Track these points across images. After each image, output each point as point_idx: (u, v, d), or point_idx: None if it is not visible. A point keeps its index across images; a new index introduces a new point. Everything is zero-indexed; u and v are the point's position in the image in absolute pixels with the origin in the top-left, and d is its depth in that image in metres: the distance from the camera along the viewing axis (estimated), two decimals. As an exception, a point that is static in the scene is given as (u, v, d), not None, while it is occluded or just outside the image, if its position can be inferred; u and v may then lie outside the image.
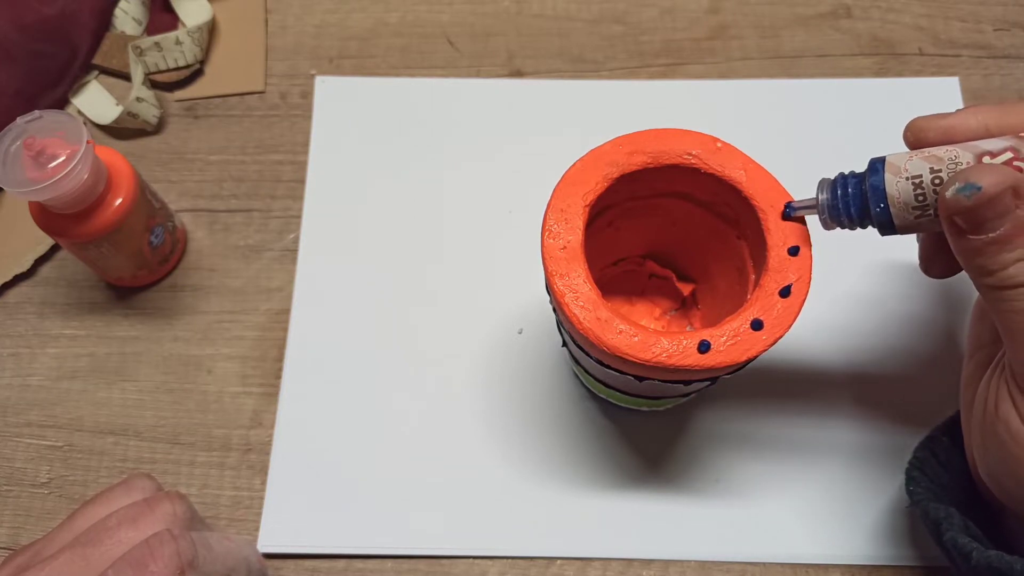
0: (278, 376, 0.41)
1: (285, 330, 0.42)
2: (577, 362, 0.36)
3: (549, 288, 0.31)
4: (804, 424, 0.39)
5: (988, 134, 0.27)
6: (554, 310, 0.32)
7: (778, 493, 0.38)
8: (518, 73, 0.48)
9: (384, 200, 0.45)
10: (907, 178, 0.27)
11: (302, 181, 0.45)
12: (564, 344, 0.36)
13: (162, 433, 0.40)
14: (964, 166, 0.26)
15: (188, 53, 0.47)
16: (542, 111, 0.47)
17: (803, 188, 0.32)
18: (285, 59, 0.49)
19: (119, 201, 0.38)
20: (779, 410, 0.40)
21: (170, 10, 0.49)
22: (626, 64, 0.48)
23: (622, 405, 0.38)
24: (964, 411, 0.32)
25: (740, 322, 0.29)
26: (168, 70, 0.48)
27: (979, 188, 0.25)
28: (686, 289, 0.39)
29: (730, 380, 0.33)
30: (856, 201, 0.29)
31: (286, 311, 0.42)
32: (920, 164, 0.27)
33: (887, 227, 0.29)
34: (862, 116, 0.46)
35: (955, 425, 0.33)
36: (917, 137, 0.29)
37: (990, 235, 0.25)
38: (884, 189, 0.28)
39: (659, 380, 0.31)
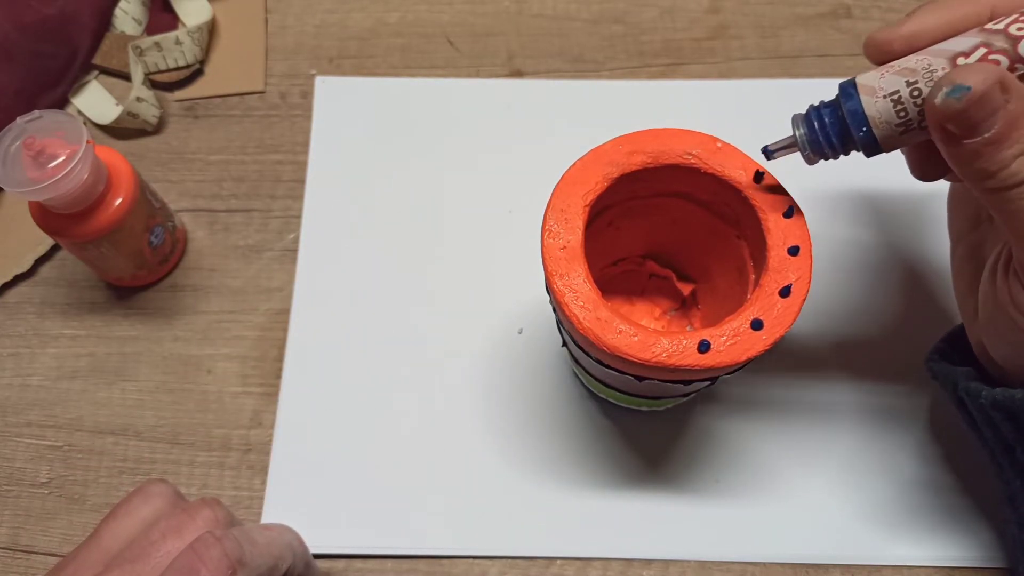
0: (278, 376, 0.41)
1: (285, 330, 0.42)
2: (577, 362, 0.36)
3: (549, 288, 0.31)
4: (804, 424, 0.39)
5: (952, 30, 0.27)
6: (554, 310, 0.32)
7: (778, 493, 0.38)
8: (518, 73, 0.48)
9: (384, 200, 0.45)
10: (884, 96, 0.27)
11: (302, 181, 0.45)
12: (564, 344, 0.36)
13: (162, 433, 0.40)
14: (941, 72, 0.26)
15: (188, 53, 0.47)
16: (542, 111, 0.47)
17: (803, 188, 0.32)
18: (285, 59, 0.49)
19: (119, 201, 0.38)
20: (779, 410, 0.40)
21: (170, 10, 0.49)
22: (626, 64, 0.48)
23: (622, 405, 0.38)
24: (960, 301, 0.32)
25: (740, 322, 0.29)
26: (168, 70, 0.48)
27: (968, 88, 0.24)
28: (686, 289, 0.39)
29: (730, 380, 0.33)
30: (836, 129, 0.28)
31: (286, 311, 0.42)
32: (895, 79, 0.27)
33: (873, 149, 0.28)
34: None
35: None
36: (882, 51, 0.28)
37: (985, 135, 0.25)
38: (863, 112, 0.27)
39: (659, 380, 0.31)
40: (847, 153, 0.29)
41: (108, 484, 0.39)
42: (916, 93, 0.26)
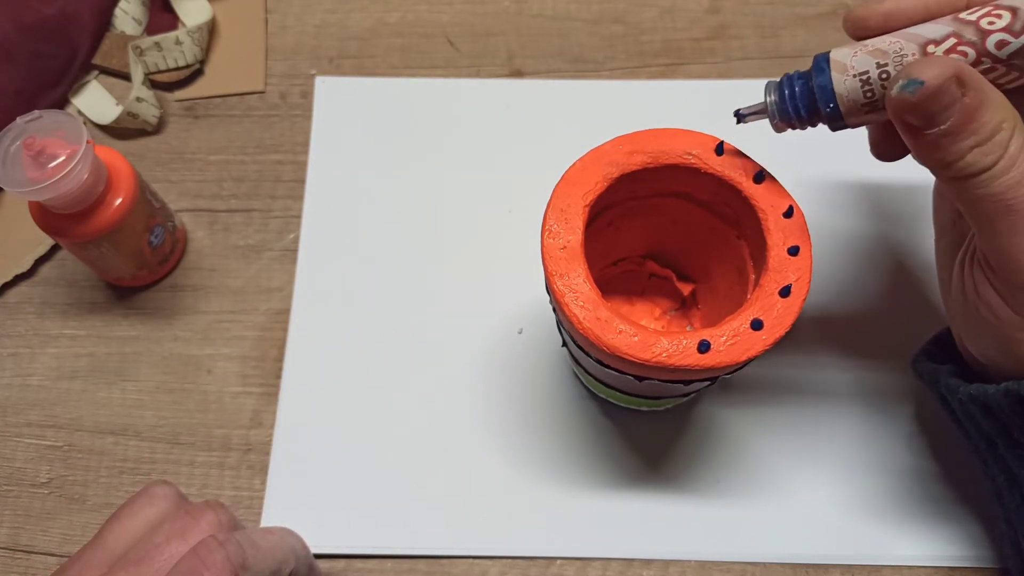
0: (278, 376, 0.41)
1: (285, 330, 0.42)
2: (577, 362, 0.36)
3: (549, 288, 0.31)
4: (804, 424, 0.39)
5: (928, 13, 0.27)
6: (554, 310, 0.32)
7: (778, 493, 0.38)
8: (518, 73, 0.48)
9: (384, 200, 0.45)
10: (854, 75, 0.27)
11: (302, 181, 0.45)
12: (564, 344, 0.36)
13: (162, 433, 0.40)
14: (911, 58, 0.26)
15: (188, 53, 0.47)
16: (542, 111, 0.47)
17: (803, 187, 0.32)
18: (285, 59, 0.49)
19: (119, 201, 0.38)
20: (779, 410, 0.40)
21: (170, 10, 0.49)
22: (626, 64, 0.48)
23: (622, 405, 0.38)
24: (942, 292, 0.32)
25: (740, 322, 0.29)
26: (168, 70, 0.48)
27: (922, 83, 0.25)
28: (686, 289, 0.39)
29: (730, 380, 0.33)
30: (804, 101, 0.29)
31: (286, 311, 0.42)
32: (866, 59, 0.27)
33: (838, 124, 0.29)
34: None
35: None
36: (858, 27, 0.28)
37: (941, 127, 0.25)
38: (832, 88, 0.28)
39: (659, 380, 0.31)
40: (814, 125, 0.29)
41: (108, 484, 0.39)
42: (885, 76, 0.27)
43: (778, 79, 0.30)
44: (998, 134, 0.25)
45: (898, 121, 0.26)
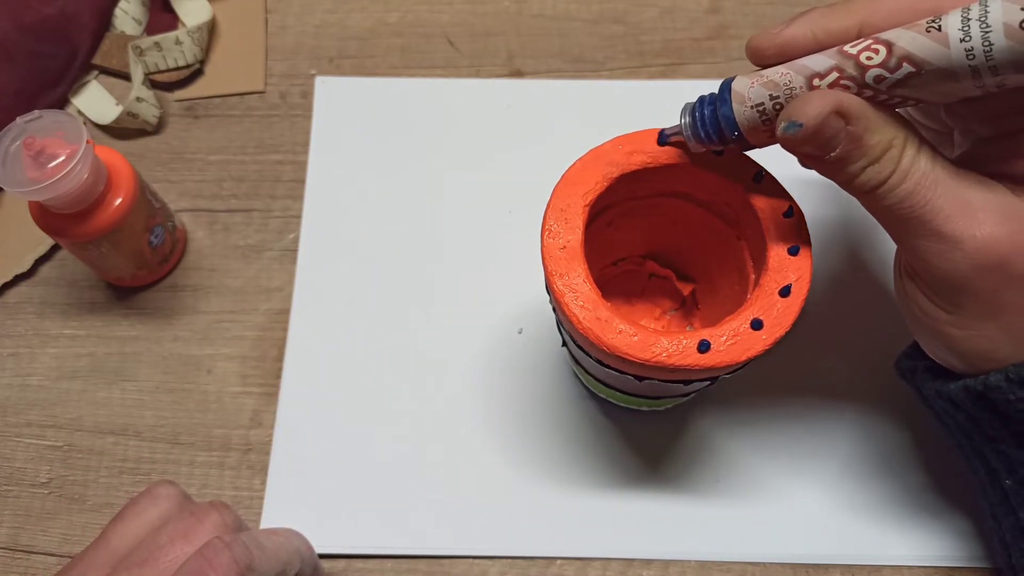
0: (278, 376, 0.41)
1: (285, 330, 0.42)
2: (577, 362, 0.36)
3: (549, 288, 0.31)
4: (804, 424, 0.39)
5: (819, 45, 0.28)
6: (554, 310, 0.32)
7: (778, 493, 0.38)
8: (518, 73, 0.48)
9: (384, 200, 0.45)
10: (751, 106, 0.28)
11: (302, 181, 0.45)
12: (564, 344, 0.36)
13: (162, 433, 0.40)
14: (799, 91, 0.27)
15: (188, 53, 0.47)
16: (542, 111, 0.47)
17: (802, 187, 0.32)
18: (285, 59, 0.49)
19: (119, 201, 0.38)
20: (779, 410, 0.40)
21: (170, 10, 0.49)
22: (626, 64, 0.48)
23: (622, 405, 0.38)
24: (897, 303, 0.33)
25: (740, 322, 0.29)
26: (168, 70, 0.48)
27: (800, 125, 0.26)
28: (686, 289, 0.39)
29: (730, 380, 0.33)
30: (713, 126, 0.29)
31: (286, 311, 0.42)
32: (761, 92, 0.28)
33: (747, 146, 0.30)
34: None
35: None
36: (756, 56, 0.29)
37: (832, 155, 0.27)
38: (734, 118, 0.29)
39: (659, 380, 0.31)
40: (728, 146, 0.30)
41: (108, 484, 0.39)
42: (778, 107, 0.28)
43: (695, 100, 0.30)
44: (888, 151, 0.27)
45: (792, 153, 0.28)
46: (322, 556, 0.37)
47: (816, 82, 0.27)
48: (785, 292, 0.30)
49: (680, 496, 0.38)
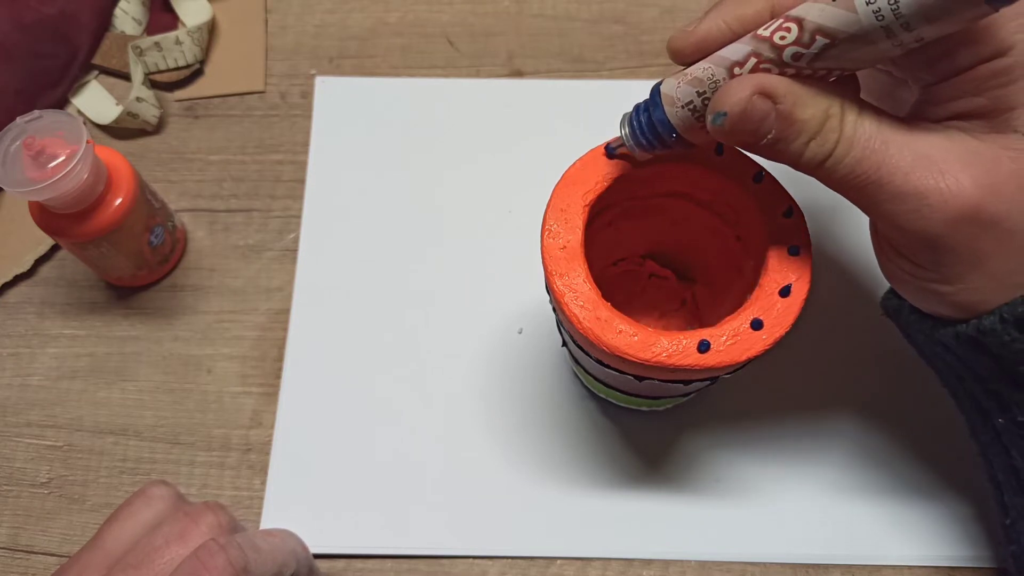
0: (278, 376, 0.41)
1: (285, 330, 0.42)
2: (577, 362, 0.36)
3: (549, 288, 0.31)
4: (804, 424, 0.39)
5: (735, 35, 0.28)
6: (554, 310, 0.32)
7: (778, 493, 0.38)
8: (518, 73, 0.48)
9: (384, 200, 0.45)
10: (682, 107, 0.28)
11: (302, 181, 0.45)
12: (564, 344, 0.36)
13: (162, 433, 0.40)
14: (723, 81, 0.27)
15: (188, 53, 0.47)
16: (542, 111, 0.47)
17: (802, 187, 0.32)
18: (285, 59, 0.49)
19: (119, 201, 0.38)
20: (779, 410, 0.40)
21: (170, 10, 0.49)
22: (626, 64, 0.48)
23: (622, 405, 0.38)
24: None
25: (740, 322, 0.29)
26: (168, 70, 0.48)
27: (725, 114, 0.26)
28: (686, 289, 0.39)
29: (730, 380, 0.33)
30: (651, 132, 0.29)
31: (286, 311, 0.42)
32: (687, 90, 0.28)
33: (690, 147, 0.30)
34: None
35: None
36: (677, 57, 0.29)
37: (768, 137, 0.26)
38: (668, 121, 0.28)
39: (659, 380, 0.31)
40: (673, 148, 0.30)
41: (108, 484, 0.39)
42: (707, 102, 0.27)
43: (630, 111, 0.30)
44: (827, 122, 0.26)
45: (729, 143, 0.28)
46: (322, 556, 0.37)
47: (737, 71, 0.27)
48: (785, 292, 0.30)
49: (680, 496, 0.38)
